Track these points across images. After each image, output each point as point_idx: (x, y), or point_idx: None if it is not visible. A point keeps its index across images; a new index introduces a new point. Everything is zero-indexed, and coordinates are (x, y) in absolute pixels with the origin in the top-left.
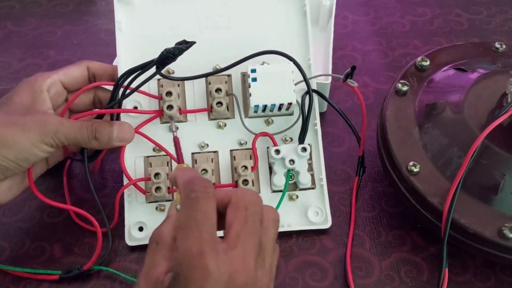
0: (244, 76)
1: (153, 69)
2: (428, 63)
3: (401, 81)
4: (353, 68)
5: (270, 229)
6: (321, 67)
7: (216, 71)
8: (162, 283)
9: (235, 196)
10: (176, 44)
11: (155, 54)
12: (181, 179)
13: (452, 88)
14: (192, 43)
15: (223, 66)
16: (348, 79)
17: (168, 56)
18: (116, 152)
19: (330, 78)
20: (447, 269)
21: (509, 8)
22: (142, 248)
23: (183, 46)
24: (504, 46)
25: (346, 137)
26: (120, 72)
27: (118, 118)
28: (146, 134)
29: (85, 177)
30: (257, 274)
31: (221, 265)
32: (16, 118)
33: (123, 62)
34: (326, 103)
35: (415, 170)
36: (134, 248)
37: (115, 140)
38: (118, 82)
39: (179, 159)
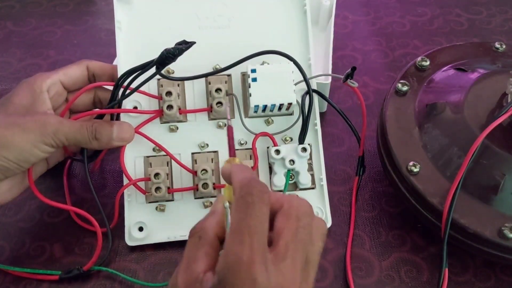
0: (244, 76)
1: (153, 69)
2: (428, 63)
3: (401, 81)
4: (353, 68)
5: (318, 243)
6: (321, 67)
7: (216, 71)
8: (202, 283)
9: (287, 204)
10: (176, 45)
11: (155, 54)
12: (238, 178)
13: (452, 88)
14: (192, 43)
15: (223, 65)
16: (348, 80)
17: (168, 57)
18: (116, 152)
19: (330, 78)
20: (447, 269)
21: (509, 8)
22: (142, 248)
23: (183, 46)
24: (504, 46)
25: (346, 137)
26: (120, 72)
27: (118, 118)
28: (146, 134)
29: (85, 177)
30: None
31: (270, 278)
32: (15, 118)
33: (123, 62)
34: (326, 103)
35: (415, 170)
36: (134, 248)
37: (115, 140)
38: (118, 82)
39: (231, 151)
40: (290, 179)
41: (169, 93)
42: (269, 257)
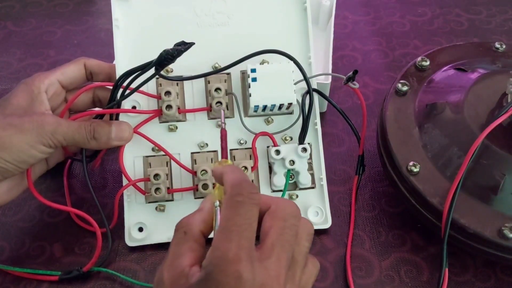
0: (243, 74)
1: (152, 70)
2: (428, 63)
3: (401, 81)
4: (355, 72)
5: (304, 242)
6: (321, 67)
7: (215, 71)
8: (187, 277)
9: (274, 205)
10: (174, 45)
11: (153, 52)
12: (230, 178)
13: (452, 88)
14: (191, 44)
15: (222, 64)
16: (350, 82)
17: (167, 58)
18: (117, 152)
19: (330, 78)
20: (447, 269)
21: (509, 8)
22: (142, 248)
23: (182, 47)
24: (504, 46)
25: (346, 137)
26: (118, 69)
27: (117, 118)
28: (145, 134)
29: (85, 177)
30: (286, 287)
31: (255, 274)
32: (13, 119)
33: (121, 60)
34: (326, 103)
35: (415, 170)
36: (134, 249)
37: (114, 139)
38: (117, 83)
39: (224, 153)
40: (290, 179)
41: (168, 93)
42: (255, 255)
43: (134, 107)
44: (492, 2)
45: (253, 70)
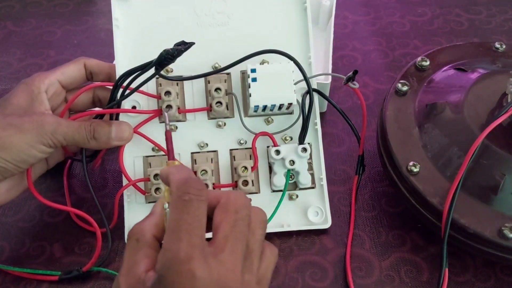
0: (243, 74)
1: (152, 70)
2: (428, 63)
3: (401, 81)
4: (355, 72)
5: (258, 231)
6: (321, 67)
7: (215, 71)
8: (144, 283)
9: (224, 199)
10: (174, 45)
11: (153, 51)
12: (175, 178)
13: (452, 88)
14: (191, 44)
15: (222, 63)
16: (350, 82)
17: (167, 58)
18: (116, 152)
19: (330, 78)
20: (447, 269)
21: (509, 8)
22: None
23: (182, 47)
24: (504, 46)
25: (346, 137)
26: (118, 69)
27: (117, 118)
28: (146, 134)
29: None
30: (244, 278)
31: (209, 270)
32: (13, 119)
33: (121, 60)
34: (326, 104)
35: (415, 170)
36: None
37: (114, 139)
38: (117, 83)
39: (170, 155)
40: (290, 179)
41: (168, 93)
42: (208, 250)
43: (134, 107)
44: (492, 2)
45: (253, 70)
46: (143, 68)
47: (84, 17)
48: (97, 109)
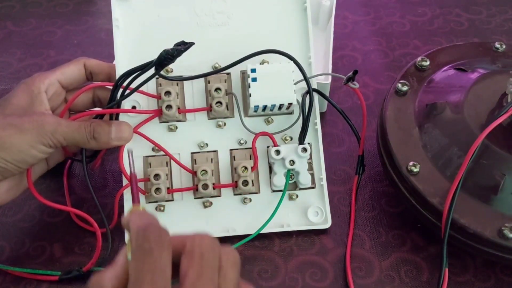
0: (243, 74)
1: (152, 70)
2: (428, 63)
3: (401, 81)
4: (355, 72)
5: (230, 274)
6: (321, 67)
7: (215, 71)
8: None
9: (189, 243)
10: (174, 45)
11: (153, 51)
12: (135, 226)
13: (452, 88)
14: (191, 44)
15: (222, 63)
16: (350, 82)
17: (167, 58)
18: (117, 152)
19: (330, 78)
20: (447, 269)
21: (509, 8)
22: None
23: (182, 47)
24: (504, 46)
25: (346, 137)
26: (118, 69)
27: (117, 118)
28: (145, 134)
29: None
30: None
31: None
32: (13, 119)
33: (121, 60)
34: (326, 104)
35: (415, 170)
36: None
37: (114, 139)
38: (117, 83)
39: (134, 199)
40: (290, 179)
41: (168, 93)
42: None
43: (134, 107)
44: (492, 2)
45: (253, 70)
46: (143, 68)
47: (84, 17)
48: (97, 109)
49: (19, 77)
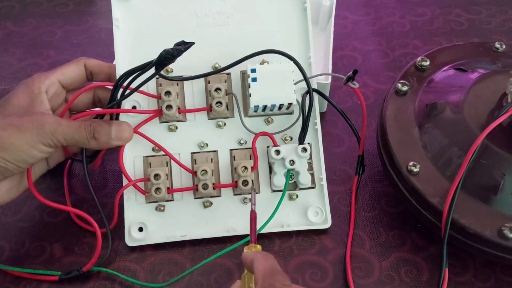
0: (243, 74)
1: (152, 70)
2: (428, 63)
3: (401, 81)
4: (355, 72)
5: None
6: (321, 67)
7: (215, 71)
8: None
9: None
10: (174, 45)
11: (153, 51)
12: (261, 267)
13: (452, 88)
14: (191, 44)
15: (222, 63)
16: (349, 82)
17: (167, 58)
18: (117, 152)
19: (330, 78)
20: (447, 269)
21: (509, 8)
22: (142, 248)
23: (182, 47)
24: (504, 46)
25: (346, 137)
26: (118, 69)
27: (117, 118)
28: (146, 134)
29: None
30: None
31: None
32: (13, 119)
33: (121, 60)
34: (326, 104)
35: (415, 170)
36: (134, 249)
37: (114, 139)
38: (117, 83)
39: (252, 237)
40: (290, 178)
41: (168, 93)
42: None
43: (134, 107)
44: (492, 2)
45: (253, 70)
46: (143, 68)
47: (84, 17)
48: (97, 109)
49: (19, 77)
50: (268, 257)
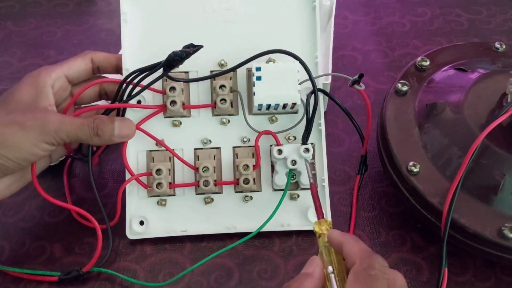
0: (249, 72)
1: (160, 70)
2: (428, 63)
3: (401, 81)
4: (361, 76)
5: None
6: (321, 67)
7: (221, 72)
8: None
9: (392, 276)
10: (183, 47)
11: (160, 46)
12: (356, 249)
13: (452, 88)
14: (200, 47)
15: (228, 60)
16: (355, 84)
17: (175, 59)
18: (117, 152)
19: (330, 78)
20: (447, 269)
21: (509, 8)
22: (142, 248)
23: (191, 50)
24: (504, 46)
25: (346, 137)
26: (124, 63)
27: (123, 113)
28: (150, 129)
29: (86, 176)
30: None
31: None
32: (16, 116)
33: (128, 54)
34: (326, 103)
35: (415, 170)
36: (134, 248)
37: (117, 136)
38: (124, 81)
39: (319, 212)
40: (292, 178)
41: (173, 89)
42: None
43: (139, 102)
44: (492, 2)
45: (258, 69)
46: (151, 68)
47: (84, 17)
48: (102, 102)
49: (19, 77)
50: (358, 239)
